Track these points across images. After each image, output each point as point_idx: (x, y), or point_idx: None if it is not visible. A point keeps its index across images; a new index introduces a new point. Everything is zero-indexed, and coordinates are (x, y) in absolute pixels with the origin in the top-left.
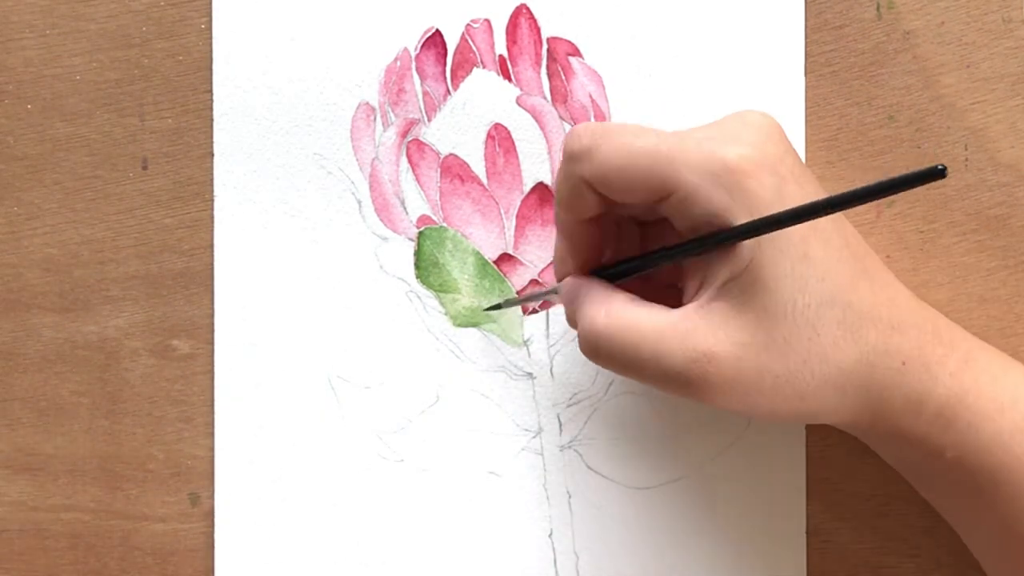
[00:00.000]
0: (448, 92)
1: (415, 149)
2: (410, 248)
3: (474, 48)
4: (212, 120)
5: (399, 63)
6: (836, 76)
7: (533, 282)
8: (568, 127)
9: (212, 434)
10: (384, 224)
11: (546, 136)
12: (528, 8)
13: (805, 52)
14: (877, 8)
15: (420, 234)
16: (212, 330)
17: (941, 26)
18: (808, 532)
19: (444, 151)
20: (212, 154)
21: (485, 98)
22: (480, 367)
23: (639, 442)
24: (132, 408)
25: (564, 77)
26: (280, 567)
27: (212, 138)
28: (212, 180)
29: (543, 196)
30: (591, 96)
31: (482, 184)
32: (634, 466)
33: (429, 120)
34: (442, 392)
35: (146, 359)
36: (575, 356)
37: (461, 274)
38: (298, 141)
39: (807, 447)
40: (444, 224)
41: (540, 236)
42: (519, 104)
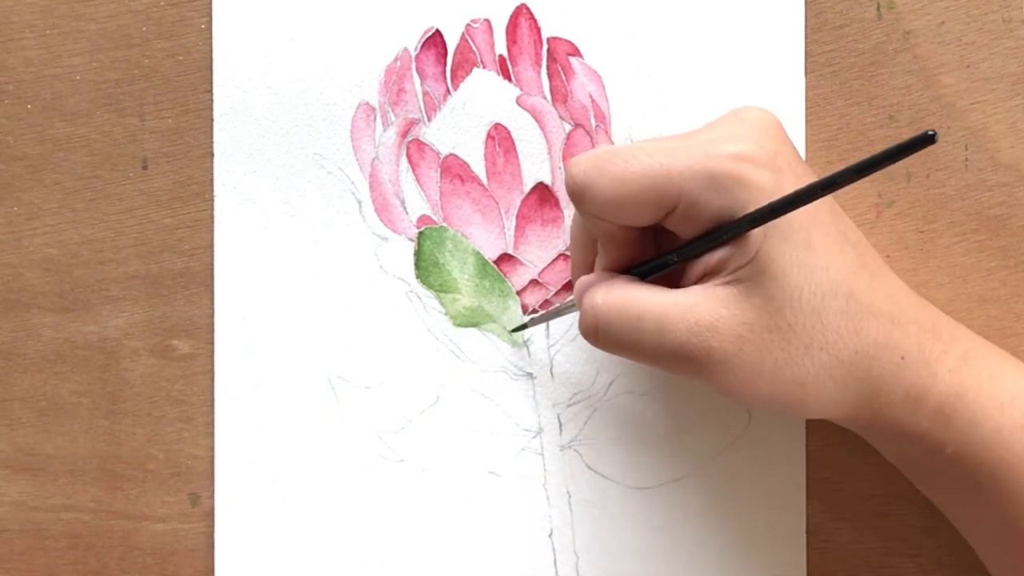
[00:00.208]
0: (448, 92)
1: (415, 149)
2: (410, 248)
3: (474, 48)
4: (212, 120)
5: (399, 63)
6: (836, 76)
7: (533, 282)
8: (568, 127)
9: (212, 434)
10: (384, 224)
11: (546, 136)
12: (528, 8)
13: (805, 52)
14: (877, 8)
15: (420, 234)
16: (212, 330)
17: (941, 26)
18: (808, 532)
19: (444, 151)
20: (212, 154)
21: (485, 98)
22: (480, 367)
23: (639, 442)
24: (132, 408)
25: (564, 77)
26: (280, 567)
27: (212, 138)
28: (212, 180)
29: (543, 196)
30: (591, 96)
31: (482, 184)
32: (634, 466)
33: (429, 120)
34: (442, 392)
35: (146, 359)
36: (575, 356)
37: (461, 274)
38: (298, 141)
39: (807, 446)
40: (444, 224)
41: (540, 236)
42: (519, 104)
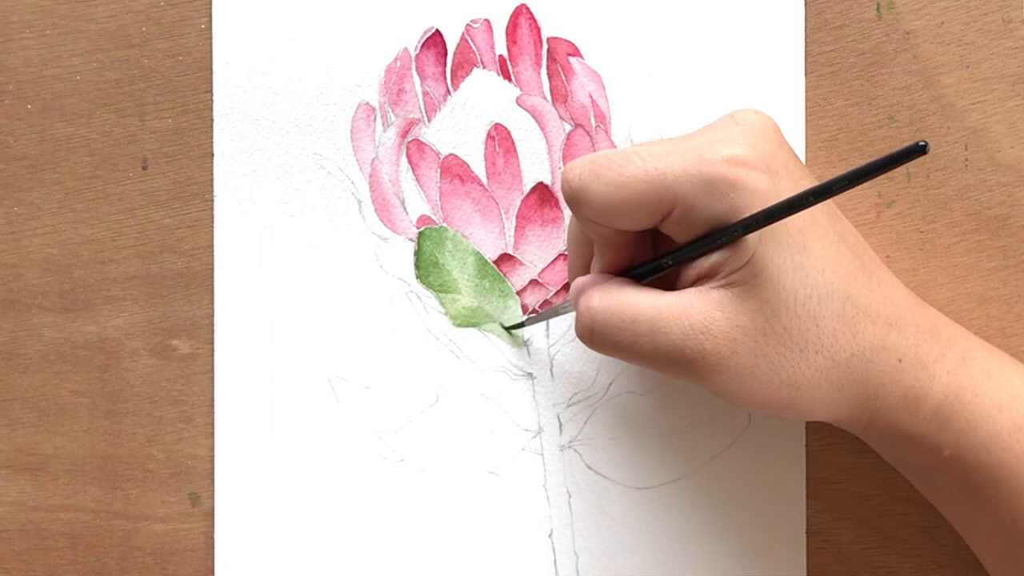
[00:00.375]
0: (448, 92)
1: (415, 149)
2: (410, 248)
3: (474, 48)
4: (212, 120)
5: (399, 63)
6: (836, 76)
7: (533, 282)
8: (568, 127)
9: (212, 434)
10: (384, 224)
11: (546, 136)
12: (528, 8)
13: (805, 52)
14: (877, 8)
15: (420, 234)
16: (212, 330)
17: (941, 26)
18: (808, 532)
19: (444, 151)
20: (212, 154)
21: (485, 98)
22: (480, 367)
23: (639, 442)
24: (132, 408)
25: (564, 77)
26: (280, 567)
27: (212, 138)
28: (212, 180)
29: (543, 196)
30: (591, 96)
31: (482, 184)
32: (634, 466)
33: (429, 120)
34: (442, 392)
35: (146, 359)
36: (575, 356)
37: (461, 274)
38: (298, 141)
39: (807, 447)
40: (444, 224)
41: (540, 236)
42: (519, 104)
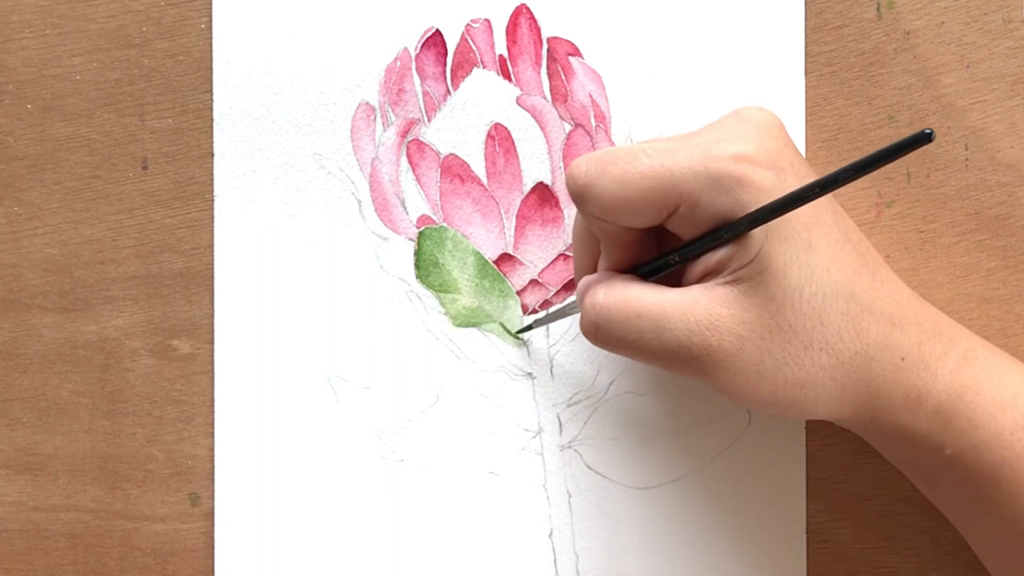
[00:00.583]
0: (448, 92)
1: (415, 149)
2: (410, 248)
3: (474, 48)
4: (212, 120)
5: (399, 63)
6: (836, 76)
7: (533, 282)
8: (568, 127)
9: (212, 434)
10: (384, 224)
11: (546, 136)
12: (528, 8)
13: (805, 52)
14: (877, 8)
15: (420, 234)
16: (212, 330)
17: (941, 26)
18: (808, 532)
19: (444, 151)
20: (212, 154)
21: (485, 98)
22: (480, 367)
23: (639, 442)
24: (132, 408)
25: (564, 77)
26: (280, 567)
27: (212, 138)
28: (212, 180)
29: (543, 196)
30: (591, 96)
31: (482, 184)
32: (634, 466)
33: (429, 120)
34: (442, 392)
35: (146, 359)
36: (575, 356)
37: (461, 274)
38: (298, 141)
39: (807, 446)
40: (444, 224)
41: (540, 236)
42: (519, 104)
